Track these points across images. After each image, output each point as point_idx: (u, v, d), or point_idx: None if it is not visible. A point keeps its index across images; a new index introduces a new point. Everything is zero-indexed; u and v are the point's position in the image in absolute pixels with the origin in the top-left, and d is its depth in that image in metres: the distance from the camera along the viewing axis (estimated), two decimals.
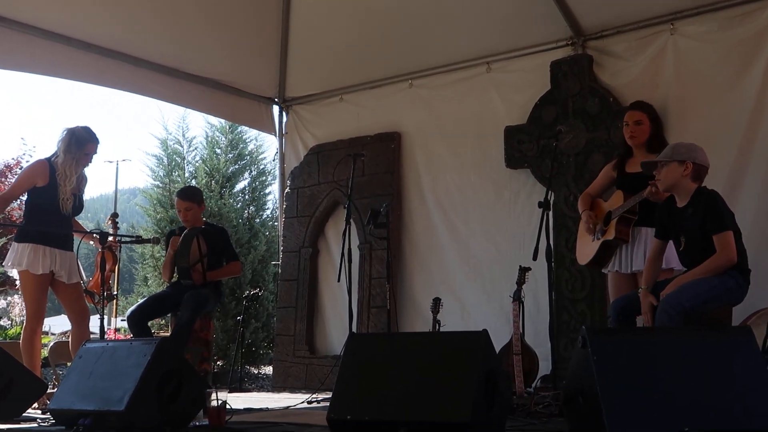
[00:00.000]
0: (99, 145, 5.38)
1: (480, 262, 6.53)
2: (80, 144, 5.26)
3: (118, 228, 5.58)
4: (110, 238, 5.34)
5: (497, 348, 4.66)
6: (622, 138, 5.17)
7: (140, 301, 6.17)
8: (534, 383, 5.31)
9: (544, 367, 5.37)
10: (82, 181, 5.40)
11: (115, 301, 5.14)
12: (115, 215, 5.70)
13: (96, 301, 5.37)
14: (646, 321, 4.09)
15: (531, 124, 6.25)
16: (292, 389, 7.02)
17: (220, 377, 9.30)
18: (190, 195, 5.83)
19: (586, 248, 5.08)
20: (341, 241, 5.66)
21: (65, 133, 5.29)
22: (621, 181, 4.96)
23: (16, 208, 14.58)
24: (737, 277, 4.00)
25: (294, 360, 7.35)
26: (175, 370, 3.55)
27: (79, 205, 5.39)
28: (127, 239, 6.17)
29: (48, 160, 5.28)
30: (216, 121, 12.05)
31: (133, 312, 5.64)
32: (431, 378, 2.82)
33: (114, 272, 5.56)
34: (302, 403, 5.31)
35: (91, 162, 5.38)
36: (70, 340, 5.45)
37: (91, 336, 5.17)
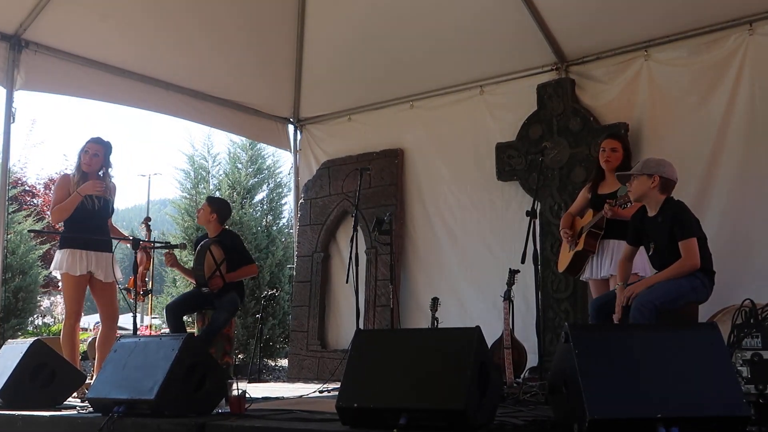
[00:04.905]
0: (96, 144, 5.28)
1: (475, 264, 6.53)
2: (82, 148, 5.28)
3: (151, 230, 5.58)
4: (143, 242, 5.37)
5: (489, 342, 4.66)
6: (596, 162, 5.19)
7: (176, 296, 6.21)
8: (522, 374, 5.30)
9: (532, 359, 5.36)
10: (112, 189, 5.38)
11: (150, 296, 5.12)
12: (147, 219, 5.73)
13: (134, 297, 5.37)
14: (617, 312, 4.09)
15: (519, 140, 6.26)
16: (306, 380, 7.01)
17: (240, 369, 9.30)
18: (209, 199, 6.13)
19: (564, 258, 5.16)
20: (350, 246, 5.67)
21: None
22: (593, 202, 5.00)
23: None
24: (702, 278, 4.01)
25: (307, 353, 7.35)
26: (200, 363, 3.55)
27: (105, 207, 5.32)
28: (158, 245, 6.19)
29: (69, 174, 5.34)
30: (238, 138, 12.09)
31: (170, 306, 5.66)
32: (430, 370, 2.81)
33: (149, 270, 5.57)
34: (314, 392, 5.30)
35: (93, 156, 5.25)
36: (97, 338, 5.37)
37: (123, 333, 5.16)
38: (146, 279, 5.34)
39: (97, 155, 5.26)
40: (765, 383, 2.58)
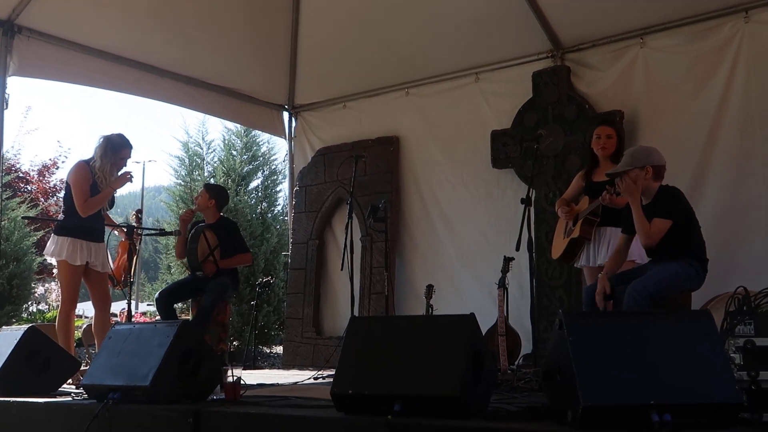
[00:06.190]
0: (132, 150, 5.32)
1: (471, 252, 6.55)
2: (116, 150, 5.20)
3: (141, 222, 5.56)
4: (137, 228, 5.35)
5: (484, 329, 4.67)
6: (589, 149, 5.16)
7: (167, 285, 6.20)
8: (517, 361, 5.32)
9: (526, 346, 5.39)
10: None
11: (129, 288, 5.07)
12: (139, 211, 5.70)
13: (115, 285, 5.35)
14: (597, 301, 4.09)
15: (515, 128, 6.26)
16: (300, 367, 7.03)
17: (235, 356, 9.30)
18: (206, 185, 6.13)
19: (558, 245, 5.13)
20: (345, 233, 5.67)
21: (102, 140, 5.21)
22: (588, 189, 4.98)
23: (53, 204, 14.59)
24: (696, 266, 4.01)
25: (302, 340, 7.36)
26: (195, 350, 3.54)
27: (112, 202, 5.37)
28: (152, 232, 6.18)
29: (86, 162, 5.20)
30: (232, 125, 12.02)
31: (161, 294, 5.67)
32: (424, 357, 2.82)
33: (134, 258, 5.53)
34: (309, 379, 5.32)
35: (125, 165, 5.31)
36: (93, 323, 5.42)
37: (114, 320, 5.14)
38: (127, 268, 5.23)
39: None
40: (757, 370, 2.59)
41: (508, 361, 5.08)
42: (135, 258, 5.30)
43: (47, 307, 16.05)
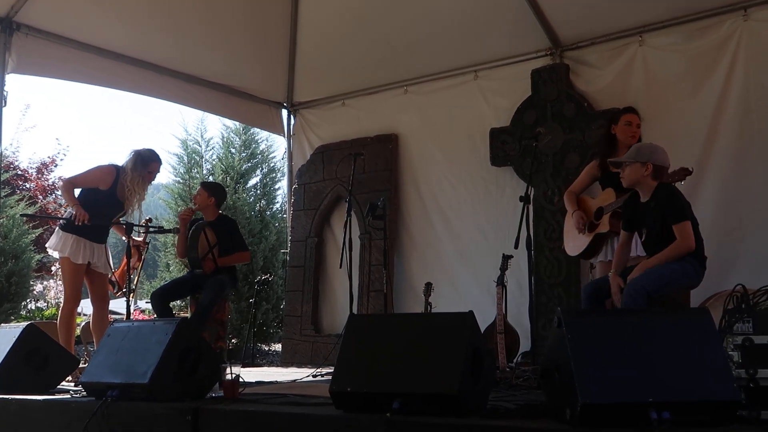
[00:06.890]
0: (161, 165, 5.46)
1: (469, 249, 6.54)
2: (145, 163, 5.33)
3: (150, 229, 5.59)
4: (137, 234, 5.38)
5: (483, 327, 4.67)
6: (602, 137, 5.10)
7: (163, 283, 6.20)
8: (515, 359, 5.32)
9: (525, 344, 5.38)
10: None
11: (132, 294, 5.08)
12: (149, 220, 5.72)
13: (116, 291, 5.37)
14: (615, 301, 4.09)
15: (514, 126, 6.26)
16: (299, 364, 7.03)
17: (234, 353, 9.29)
18: (204, 184, 6.14)
19: (576, 241, 4.98)
20: (344, 231, 5.66)
21: (132, 154, 5.35)
22: (608, 180, 4.81)
23: (52, 202, 14.56)
24: (694, 263, 4.01)
25: (301, 338, 7.36)
26: (194, 347, 3.54)
27: (118, 209, 5.38)
28: (151, 229, 6.17)
29: (117, 169, 5.29)
30: (231, 123, 11.98)
31: (156, 293, 5.68)
32: (423, 354, 2.82)
33: (137, 269, 5.52)
34: (308, 377, 5.31)
35: (154, 179, 5.45)
36: (91, 321, 5.44)
37: (116, 317, 5.14)
38: (132, 276, 5.23)
39: None
40: (756, 368, 2.59)
41: (506, 358, 5.08)
42: (140, 264, 5.35)
43: (46, 304, 16.02)
